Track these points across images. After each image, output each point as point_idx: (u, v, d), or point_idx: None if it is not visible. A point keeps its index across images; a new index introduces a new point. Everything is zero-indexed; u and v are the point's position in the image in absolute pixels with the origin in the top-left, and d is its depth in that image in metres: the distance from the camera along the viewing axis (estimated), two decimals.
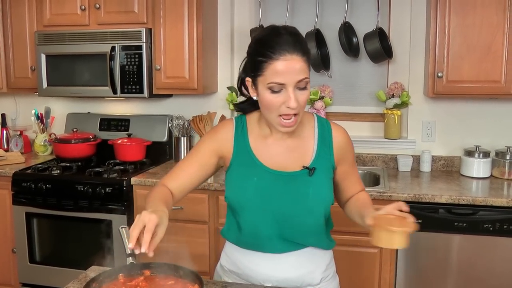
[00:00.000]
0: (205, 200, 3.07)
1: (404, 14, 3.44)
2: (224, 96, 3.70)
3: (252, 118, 1.74)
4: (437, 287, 2.88)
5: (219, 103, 3.74)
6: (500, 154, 3.25)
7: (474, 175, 3.25)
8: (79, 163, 3.50)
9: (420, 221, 2.82)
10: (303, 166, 1.65)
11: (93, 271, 1.76)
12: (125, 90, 3.42)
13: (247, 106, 1.74)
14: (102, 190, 3.16)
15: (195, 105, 3.77)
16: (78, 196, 3.21)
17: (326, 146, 1.69)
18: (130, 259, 1.49)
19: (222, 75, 3.73)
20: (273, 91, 1.51)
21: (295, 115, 1.55)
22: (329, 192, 1.69)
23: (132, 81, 3.39)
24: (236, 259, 1.76)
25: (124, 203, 3.15)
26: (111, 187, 3.16)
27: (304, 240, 1.68)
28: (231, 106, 3.62)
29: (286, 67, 1.48)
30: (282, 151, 1.68)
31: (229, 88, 3.67)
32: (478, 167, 3.24)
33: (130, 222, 3.17)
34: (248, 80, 1.61)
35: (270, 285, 1.69)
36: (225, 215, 1.79)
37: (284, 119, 1.55)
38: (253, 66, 1.56)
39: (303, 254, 1.70)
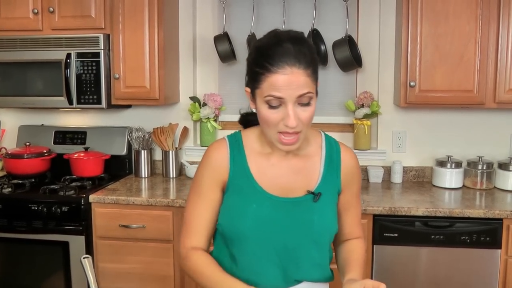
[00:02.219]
0: (169, 218, 2.88)
1: (372, 23, 3.36)
2: (186, 106, 3.53)
3: (250, 135, 1.56)
4: None
5: (181, 114, 3.57)
6: (472, 164, 3.20)
7: (447, 186, 3.19)
8: (33, 180, 3.25)
9: (396, 235, 2.73)
10: (308, 191, 1.48)
11: None
12: (82, 101, 3.20)
13: (255, 118, 1.50)
14: (58, 209, 2.92)
15: (156, 116, 3.58)
16: (32, 216, 2.97)
17: (333, 168, 1.53)
18: None
19: (184, 85, 3.55)
20: (271, 106, 1.35)
21: (297, 132, 1.39)
22: (334, 220, 1.53)
23: (89, 91, 3.18)
24: None
25: (82, 222, 2.93)
26: (68, 206, 2.93)
27: (307, 275, 1.51)
28: (194, 117, 3.45)
29: (285, 81, 1.32)
30: (285, 172, 1.51)
31: (191, 98, 3.50)
32: (450, 178, 3.18)
33: (88, 243, 2.97)
34: (247, 90, 1.45)
35: None
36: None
37: (285, 136, 1.39)
38: (251, 77, 1.40)
39: (305, 286, 1.53)
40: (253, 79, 1.38)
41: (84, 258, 1.40)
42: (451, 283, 2.74)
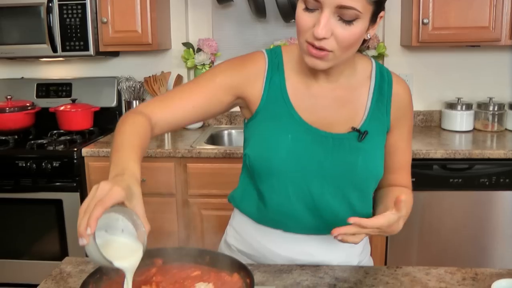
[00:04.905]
0: (171, 170, 2.68)
1: None
2: (178, 53, 3.29)
3: (291, 53, 1.32)
4: (432, 247, 2.67)
5: (174, 62, 3.33)
6: (482, 106, 3.07)
7: (457, 129, 3.06)
8: (16, 136, 3.00)
9: (414, 179, 2.58)
10: (353, 128, 1.28)
11: (69, 264, 1.37)
12: (67, 48, 2.93)
13: None
14: (49, 165, 2.70)
15: (146, 64, 3.33)
16: (19, 173, 2.74)
17: (382, 103, 1.30)
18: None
19: (176, 30, 3.31)
20: (307, 8, 1.13)
21: (325, 50, 1.14)
22: (380, 164, 1.31)
23: (74, 37, 2.91)
24: (250, 238, 1.39)
25: (76, 178, 2.72)
26: (59, 161, 2.70)
27: (342, 223, 1.30)
28: (189, 64, 3.22)
29: None
30: (326, 104, 1.29)
31: (184, 44, 3.26)
32: (461, 120, 3.05)
33: (83, 199, 2.74)
34: None
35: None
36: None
37: (312, 47, 1.16)
38: None
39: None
40: None
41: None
42: (470, 227, 2.64)
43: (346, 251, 1.37)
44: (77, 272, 1.31)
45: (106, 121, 3.25)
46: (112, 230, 0.94)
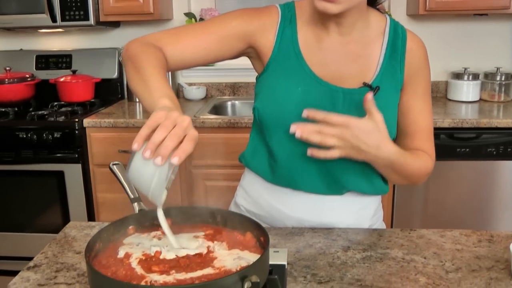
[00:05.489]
0: None
1: None
2: (181, 23, 3.23)
3: (304, 8, 1.28)
4: (438, 217, 2.65)
5: None
6: (489, 76, 3.02)
7: (463, 99, 3.02)
8: (16, 108, 2.95)
9: None
10: (364, 83, 1.23)
11: (73, 228, 1.34)
12: (67, 17, 2.87)
13: None
14: (50, 136, 2.66)
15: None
16: (20, 145, 2.70)
17: (395, 59, 1.25)
18: (136, 206, 1.08)
19: (177, 0, 3.24)
20: None
21: None
22: (393, 123, 1.27)
23: (74, 6, 2.85)
24: (259, 197, 1.36)
25: (77, 149, 2.68)
26: (60, 132, 2.66)
27: (354, 184, 1.29)
28: None
29: None
30: (338, 58, 1.25)
31: (186, 14, 3.20)
32: (467, 90, 3.01)
33: (85, 172, 2.73)
34: None
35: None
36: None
37: None
38: None
39: (350, 196, 1.32)
40: None
41: (113, 164, 1.17)
42: (477, 197, 2.62)
43: (357, 213, 1.34)
44: (82, 236, 1.28)
45: (107, 93, 3.21)
46: None
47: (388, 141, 1.16)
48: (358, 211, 1.34)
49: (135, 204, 1.07)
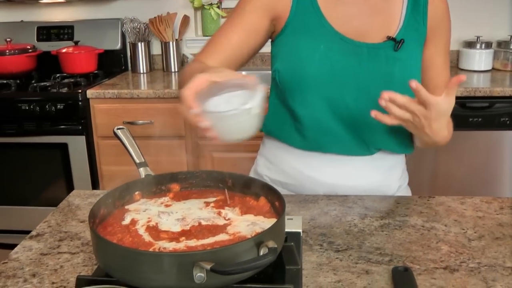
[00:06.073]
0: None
1: None
2: None
3: None
4: (448, 188, 2.60)
5: (179, 2, 3.18)
6: (503, 44, 2.94)
7: (475, 68, 2.94)
8: (18, 81, 2.88)
9: None
10: (388, 37, 1.19)
11: (77, 197, 1.29)
12: None
13: None
14: (53, 108, 2.60)
15: (150, 5, 3.18)
16: (22, 117, 2.64)
17: (418, 12, 1.21)
18: (142, 171, 1.03)
19: None
20: None
21: None
22: (418, 76, 1.23)
23: None
24: (286, 166, 1.30)
25: (81, 121, 2.62)
26: (63, 103, 2.60)
27: (382, 142, 1.25)
28: (195, 4, 3.08)
29: None
30: (360, 11, 1.20)
31: None
32: (479, 59, 2.92)
33: (89, 144, 2.67)
34: None
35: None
36: None
37: None
38: None
39: (380, 155, 1.27)
40: None
41: (117, 129, 1.11)
42: (489, 168, 2.56)
43: (387, 173, 1.31)
44: (86, 204, 1.23)
45: (111, 64, 3.14)
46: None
47: (446, 125, 1.12)
48: (388, 171, 1.31)
49: (141, 169, 1.02)
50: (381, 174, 1.29)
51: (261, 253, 0.72)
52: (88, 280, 0.78)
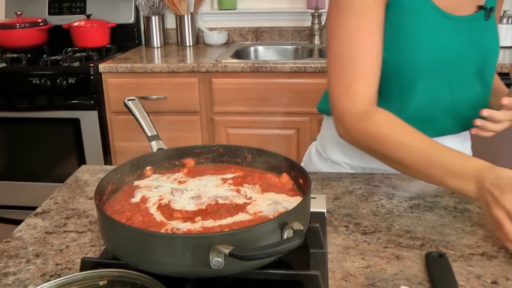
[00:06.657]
0: (195, 85, 2.50)
1: None
2: None
3: None
4: None
5: None
6: None
7: (501, 44, 2.80)
8: (29, 55, 2.81)
9: None
10: (479, 6, 1.10)
11: (86, 172, 1.22)
12: None
13: None
14: (64, 82, 2.53)
15: None
16: (34, 91, 2.58)
17: None
18: (154, 144, 0.96)
19: None
20: None
21: None
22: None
23: None
24: None
25: (93, 95, 2.55)
26: (75, 77, 2.53)
27: (474, 116, 1.12)
28: None
29: None
30: None
31: None
32: (506, 34, 2.80)
33: (101, 119, 2.61)
34: None
35: None
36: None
37: None
38: None
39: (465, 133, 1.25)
40: None
41: (128, 100, 1.04)
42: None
43: (467, 145, 1.31)
44: (95, 180, 1.16)
45: (124, 39, 3.06)
46: None
47: None
48: (467, 143, 1.31)
49: (153, 142, 0.95)
50: (468, 149, 1.31)
51: (285, 236, 0.65)
52: (94, 263, 0.71)
